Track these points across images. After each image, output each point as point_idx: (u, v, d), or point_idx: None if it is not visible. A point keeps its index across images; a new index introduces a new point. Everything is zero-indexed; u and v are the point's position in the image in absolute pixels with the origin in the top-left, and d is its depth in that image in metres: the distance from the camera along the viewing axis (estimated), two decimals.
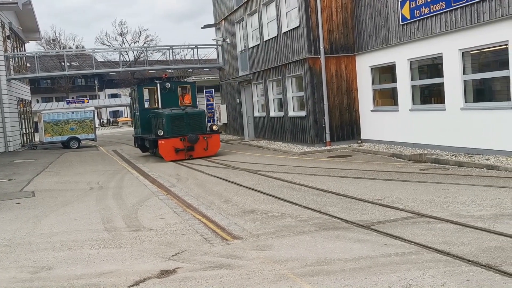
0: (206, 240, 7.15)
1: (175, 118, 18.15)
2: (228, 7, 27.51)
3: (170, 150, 17.93)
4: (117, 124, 68.87)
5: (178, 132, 18.06)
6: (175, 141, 18.00)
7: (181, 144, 18.02)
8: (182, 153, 18.07)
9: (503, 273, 4.93)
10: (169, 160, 17.97)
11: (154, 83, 20.76)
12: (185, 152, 18.06)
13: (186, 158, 18.02)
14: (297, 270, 5.53)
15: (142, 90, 20.93)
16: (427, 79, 15.72)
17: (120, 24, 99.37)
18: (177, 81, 23.81)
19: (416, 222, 7.20)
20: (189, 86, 21.35)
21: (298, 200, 9.49)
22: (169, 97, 20.16)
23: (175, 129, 18.07)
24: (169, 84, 20.35)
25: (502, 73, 12.44)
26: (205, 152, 18.40)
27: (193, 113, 18.70)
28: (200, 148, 18.23)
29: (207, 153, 18.45)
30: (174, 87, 20.46)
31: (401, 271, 5.18)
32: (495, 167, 11.30)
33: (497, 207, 7.70)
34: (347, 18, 18.55)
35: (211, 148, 18.53)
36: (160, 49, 39.32)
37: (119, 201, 10.82)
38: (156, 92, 20.38)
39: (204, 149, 18.33)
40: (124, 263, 6.30)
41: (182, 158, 18.02)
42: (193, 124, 18.38)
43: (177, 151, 17.97)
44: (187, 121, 18.24)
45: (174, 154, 17.99)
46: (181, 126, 18.18)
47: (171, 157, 17.99)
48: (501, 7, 11.94)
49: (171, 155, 18.00)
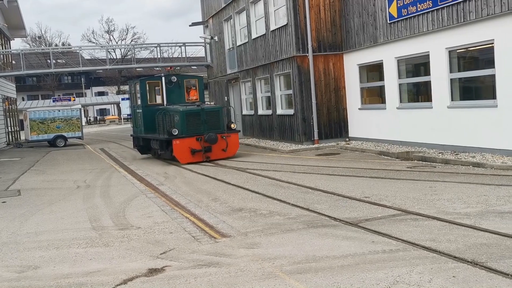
0: (194, 238, 7.13)
1: (190, 115, 16.25)
2: (216, 5, 27.43)
3: (185, 151, 15.98)
4: (104, 122, 68.38)
5: (194, 131, 16.16)
6: (191, 141, 16.06)
7: (197, 144, 16.07)
8: (199, 154, 16.08)
9: (489, 269, 4.99)
10: (184, 163, 15.94)
11: (159, 77, 18.70)
12: (203, 153, 16.11)
13: (203, 161, 16.12)
14: (286, 267, 5.54)
15: (145, 84, 18.60)
16: (415, 78, 15.82)
17: (107, 22, 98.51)
18: (183, 75, 21.23)
19: (404, 220, 7.25)
20: (196, 80, 19.52)
21: (286, 198, 9.51)
22: (174, 92, 18.39)
23: (190, 127, 16.18)
24: (175, 77, 18.55)
25: (488, 72, 12.56)
26: (223, 153, 16.46)
27: (209, 109, 16.95)
28: (218, 148, 16.29)
29: (226, 154, 16.53)
30: (180, 81, 18.60)
31: (389, 268, 5.22)
32: (481, 164, 11.42)
33: (483, 204, 7.79)
34: (335, 16, 18.60)
35: (230, 149, 16.64)
36: (148, 47, 39.12)
37: (107, 199, 10.75)
38: (160, 86, 18.47)
39: (223, 150, 16.39)
40: (111, 262, 6.27)
41: (199, 161, 16.06)
42: (210, 121, 16.46)
43: (194, 153, 16.00)
44: (203, 118, 16.35)
45: (190, 156, 16.02)
46: (197, 124, 16.27)
47: (187, 159, 16.03)
48: (487, 6, 12.06)
49: (187, 157, 16.03)
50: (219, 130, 16.47)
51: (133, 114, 20.05)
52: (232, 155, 16.74)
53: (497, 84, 12.12)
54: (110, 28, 78.30)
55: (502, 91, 12.01)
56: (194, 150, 15.99)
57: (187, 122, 16.16)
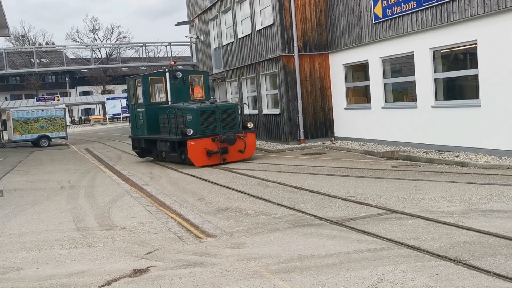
0: (179, 238, 7.10)
1: (205, 114, 15.00)
2: (201, 4, 27.36)
3: (201, 153, 14.71)
4: (89, 122, 67.79)
5: (209, 130, 14.94)
6: (206, 141, 14.77)
7: (214, 145, 14.80)
8: (216, 156, 14.82)
9: (471, 267, 5.04)
10: (200, 165, 14.66)
11: (162, 72, 17.26)
12: (220, 155, 14.86)
13: (220, 163, 14.90)
14: (271, 267, 5.54)
15: (148, 80, 17.05)
16: (399, 77, 15.94)
17: (92, 21, 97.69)
18: (188, 70, 19.79)
19: (388, 218, 7.29)
20: (201, 76, 18.14)
21: (272, 197, 9.52)
22: (179, 89, 17.01)
23: (205, 127, 14.92)
24: (180, 73, 17.23)
25: (471, 72, 12.70)
26: (240, 155, 15.24)
27: (225, 107, 15.67)
28: (235, 150, 15.06)
29: (244, 156, 15.31)
30: (185, 77, 17.25)
31: (373, 267, 5.25)
32: (465, 163, 11.54)
33: (466, 203, 7.87)
34: (321, 16, 18.67)
35: (248, 150, 15.41)
36: (133, 46, 38.86)
37: (91, 200, 10.66)
38: (164, 83, 17.07)
39: (240, 152, 15.16)
40: (95, 263, 6.21)
41: (216, 163, 14.84)
42: (225, 120, 15.25)
43: (210, 154, 14.73)
44: (219, 116, 15.13)
45: (206, 158, 14.76)
46: (212, 124, 15.03)
47: (202, 162, 14.76)
48: (470, 7, 12.19)
49: (203, 159, 14.77)
50: (234, 130, 15.26)
51: (133, 113, 18.09)
52: (249, 157, 15.59)
53: (480, 84, 12.26)
54: (95, 27, 78.03)
55: (485, 91, 12.15)
56: (210, 151, 14.71)
57: (201, 121, 14.87)
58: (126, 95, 27.04)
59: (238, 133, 15.11)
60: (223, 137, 14.71)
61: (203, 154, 14.72)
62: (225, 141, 14.73)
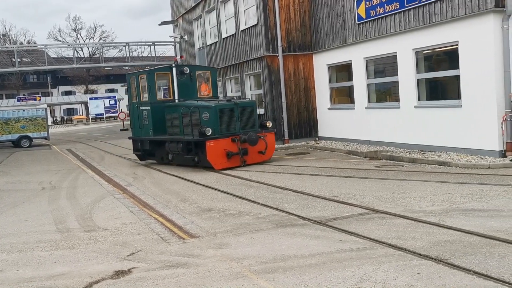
0: (162, 239, 7.06)
1: (223, 112, 13.89)
2: (185, 4, 27.25)
3: (220, 154, 13.58)
4: (72, 122, 67.03)
5: (228, 130, 13.89)
6: (226, 142, 13.66)
7: (234, 146, 13.72)
8: (236, 158, 13.76)
9: (452, 266, 5.09)
10: (219, 168, 13.53)
11: (168, 67, 16.05)
12: (240, 156, 13.84)
13: (240, 165, 13.86)
14: (254, 267, 5.54)
15: (154, 76, 15.63)
16: (383, 78, 16.05)
17: (74, 20, 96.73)
18: (196, 66, 18.43)
19: (371, 218, 7.34)
20: (209, 72, 16.96)
21: (256, 197, 9.51)
22: (186, 86, 15.92)
23: (223, 126, 13.83)
24: (188, 69, 16.03)
25: (453, 72, 12.84)
26: (261, 157, 14.24)
27: (244, 104, 14.53)
28: (254, 151, 14.05)
29: (264, 157, 14.33)
30: (192, 73, 16.13)
31: (356, 266, 5.27)
32: (447, 163, 11.67)
33: (448, 202, 7.95)
34: (305, 16, 18.72)
35: (269, 151, 14.44)
36: (117, 46, 38.52)
37: (73, 201, 10.54)
38: (170, 79, 15.87)
39: (260, 153, 14.16)
40: (77, 265, 6.14)
41: (236, 165, 13.78)
42: (244, 119, 14.22)
43: (230, 156, 13.63)
44: (237, 115, 14.09)
45: (226, 160, 13.64)
46: (231, 123, 13.98)
47: (222, 164, 13.62)
48: (451, 9, 12.33)
49: (222, 162, 13.63)
50: (253, 129, 14.29)
51: (135, 112, 16.52)
52: (269, 159, 14.61)
53: (462, 84, 12.40)
54: (78, 26, 77.02)
55: (466, 92, 12.29)
56: (231, 153, 13.61)
57: (220, 120, 13.76)
58: (109, 95, 26.76)
59: (258, 133, 14.14)
60: (243, 137, 13.68)
61: (223, 156, 13.61)
62: (246, 142, 13.69)
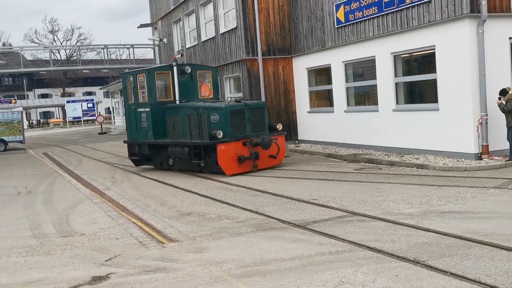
0: (141, 243, 6.99)
1: (234, 114, 13.09)
2: (165, 7, 27.12)
3: (232, 159, 12.76)
4: (48, 125, 66.02)
5: (238, 133, 13.08)
6: (237, 145, 12.86)
7: (245, 150, 12.92)
8: (248, 163, 12.95)
9: (429, 267, 5.15)
10: (231, 174, 12.68)
11: (169, 66, 15.09)
12: (252, 161, 13.01)
13: (252, 171, 13.04)
14: (233, 271, 5.51)
15: (154, 75, 14.63)
16: (361, 81, 16.19)
17: (51, 21, 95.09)
18: (196, 65, 17.43)
19: (350, 221, 7.38)
20: (210, 72, 16.02)
21: (236, 201, 9.49)
22: (187, 86, 14.98)
23: (234, 129, 13.04)
24: (189, 68, 15.07)
25: (430, 76, 13.03)
26: (272, 161, 13.47)
27: (254, 106, 13.71)
28: (265, 155, 13.25)
29: (275, 162, 13.58)
30: (193, 73, 15.21)
31: (335, 269, 5.29)
32: (424, 166, 11.81)
33: (425, 205, 8.05)
34: (284, 20, 18.79)
35: (280, 155, 13.67)
36: (94, 48, 38.11)
37: (49, 206, 10.37)
38: (171, 78, 14.88)
39: (272, 157, 13.37)
40: (53, 271, 6.04)
41: (248, 170, 12.98)
42: (254, 121, 13.44)
43: (242, 160, 12.81)
44: (248, 117, 13.31)
45: (237, 165, 12.82)
46: (241, 125, 13.19)
47: (233, 169, 12.78)
48: (428, 14, 12.51)
49: (233, 167, 12.79)
50: (263, 131, 13.55)
51: (131, 114, 15.38)
52: (280, 163, 13.87)
53: (439, 88, 12.59)
54: (54, 28, 75.82)
55: (443, 95, 12.48)
56: (243, 157, 12.79)
57: (231, 122, 12.99)
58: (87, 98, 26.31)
59: (271, 136, 13.36)
60: (255, 140, 12.90)
61: (234, 161, 12.79)
62: (259, 145, 12.88)
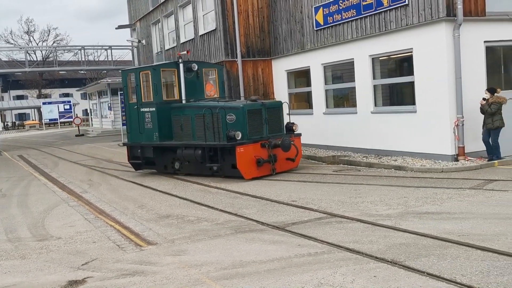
0: (119, 247, 6.90)
1: (252, 114, 12.37)
2: (143, 8, 26.92)
3: (250, 162, 12.01)
4: (24, 127, 64.87)
5: (255, 134, 12.36)
6: (255, 148, 12.13)
7: (263, 152, 12.21)
8: (267, 166, 12.26)
9: (407, 268, 5.19)
10: (250, 178, 11.96)
11: (175, 63, 14.09)
12: (271, 164, 12.36)
13: (271, 174, 12.36)
14: (212, 273, 5.48)
15: (160, 73, 13.68)
16: (340, 84, 16.30)
17: (27, 22, 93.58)
18: (203, 62, 16.40)
19: (329, 222, 7.40)
20: (215, 70, 15.14)
21: (215, 203, 9.45)
22: (193, 85, 14.17)
23: (252, 130, 12.32)
24: (196, 65, 14.18)
25: (408, 79, 13.18)
26: (289, 164, 12.85)
27: (272, 106, 13.02)
28: (282, 157, 12.56)
29: (292, 165, 12.96)
30: (199, 71, 14.37)
31: (313, 271, 5.30)
32: (402, 167, 11.94)
33: (403, 206, 8.13)
34: (264, 22, 18.82)
35: (298, 158, 13.12)
36: (71, 49, 37.63)
37: (24, 209, 10.17)
38: (177, 76, 13.98)
39: (290, 160, 12.75)
40: (28, 275, 5.92)
41: (267, 174, 12.29)
42: (272, 122, 12.77)
43: (261, 163, 12.10)
44: (265, 117, 12.62)
45: (256, 169, 12.10)
46: (259, 126, 12.49)
47: (252, 173, 12.04)
48: (406, 17, 12.67)
49: (252, 170, 12.06)
50: (281, 133, 12.91)
51: (133, 115, 14.33)
52: (296, 167, 13.23)
53: (416, 90, 12.75)
54: (30, 29, 74.38)
55: (420, 98, 12.64)
56: (262, 160, 12.09)
57: (249, 123, 12.28)
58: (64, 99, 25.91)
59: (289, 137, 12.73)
60: (274, 142, 12.21)
61: (253, 164, 12.06)
62: (278, 147, 12.24)
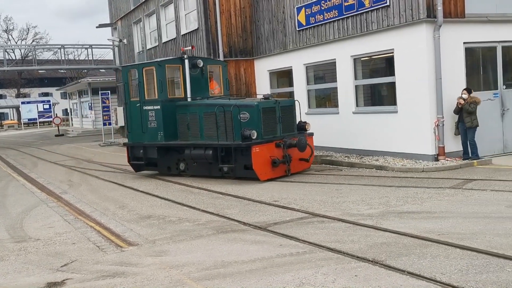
0: (99, 248, 6.82)
1: (266, 112, 11.95)
2: (125, 7, 26.69)
3: (265, 162, 11.57)
4: (2, 127, 63.80)
5: (269, 133, 11.96)
6: (270, 147, 11.71)
7: (278, 152, 11.81)
8: (282, 166, 11.83)
9: (387, 267, 5.22)
10: (265, 179, 11.53)
11: (179, 59, 13.52)
12: (287, 165, 11.92)
13: (286, 175, 11.92)
14: (194, 274, 5.44)
15: (165, 69, 13.15)
16: (322, 84, 16.36)
17: (5, 20, 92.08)
18: (207, 59, 15.63)
19: (311, 222, 7.42)
20: (219, 66, 14.69)
21: (197, 204, 9.40)
22: (198, 82, 13.72)
23: (266, 129, 11.91)
24: (201, 61, 13.71)
25: (389, 79, 13.29)
26: (303, 165, 12.52)
27: (285, 104, 12.64)
28: (296, 158, 12.19)
29: (306, 165, 12.64)
30: (204, 68, 13.93)
31: (295, 271, 5.29)
32: (383, 167, 12.03)
33: (384, 205, 8.18)
34: (246, 22, 18.80)
35: (312, 158, 12.80)
36: (51, 48, 37.07)
37: (2, 210, 10.01)
38: (182, 73, 13.47)
39: (303, 160, 12.43)
40: (6, 277, 5.82)
41: (281, 175, 11.86)
42: (285, 120, 12.43)
43: (276, 164, 11.67)
44: (279, 116, 12.24)
45: (270, 169, 11.67)
46: (273, 125, 12.10)
47: (267, 174, 11.61)
48: (387, 18, 12.77)
49: (267, 171, 11.62)
50: (292, 132, 12.58)
51: (134, 113, 13.73)
52: (309, 167, 12.86)
53: (397, 91, 12.86)
54: (9, 27, 73.34)
55: (401, 98, 12.75)
56: (277, 160, 11.65)
57: (263, 122, 11.84)
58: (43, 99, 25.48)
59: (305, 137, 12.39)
60: (289, 142, 11.85)
61: (268, 164, 11.63)
62: (293, 147, 11.88)
